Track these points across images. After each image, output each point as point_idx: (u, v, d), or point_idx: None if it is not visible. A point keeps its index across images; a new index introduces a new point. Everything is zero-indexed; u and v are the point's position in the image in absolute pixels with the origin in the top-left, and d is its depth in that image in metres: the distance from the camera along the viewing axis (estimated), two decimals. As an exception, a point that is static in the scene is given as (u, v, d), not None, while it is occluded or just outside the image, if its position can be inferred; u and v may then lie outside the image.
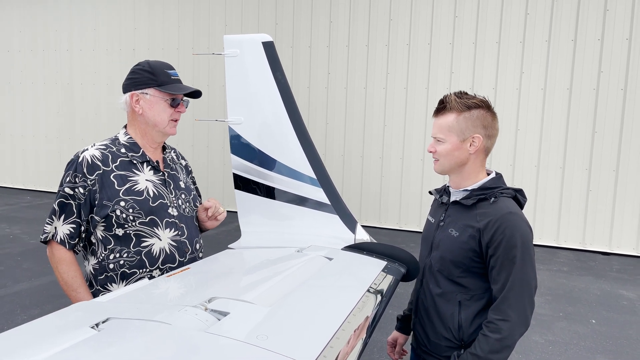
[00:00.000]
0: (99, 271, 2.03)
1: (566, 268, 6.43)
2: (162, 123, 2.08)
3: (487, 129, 1.87)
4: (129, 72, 2.11)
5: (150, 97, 2.04)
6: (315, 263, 1.99)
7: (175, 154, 2.33)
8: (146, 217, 1.99)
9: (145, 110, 2.05)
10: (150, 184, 2.05)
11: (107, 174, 1.98)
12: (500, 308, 1.77)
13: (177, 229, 2.07)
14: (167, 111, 2.07)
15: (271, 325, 1.40)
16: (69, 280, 2.00)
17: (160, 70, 2.06)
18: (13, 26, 10.66)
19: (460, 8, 7.51)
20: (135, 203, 1.98)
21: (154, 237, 2.01)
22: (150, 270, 2.02)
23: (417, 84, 7.85)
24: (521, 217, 1.81)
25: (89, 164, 1.98)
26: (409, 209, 8.06)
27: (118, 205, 1.95)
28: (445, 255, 1.90)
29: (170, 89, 2.04)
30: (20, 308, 4.67)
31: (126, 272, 2.00)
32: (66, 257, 2.01)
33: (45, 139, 10.63)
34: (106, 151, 2.03)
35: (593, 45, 6.91)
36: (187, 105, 2.16)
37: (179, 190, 2.15)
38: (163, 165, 2.16)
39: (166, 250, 2.03)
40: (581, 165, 7.13)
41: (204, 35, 9.16)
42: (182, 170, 2.29)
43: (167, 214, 2.05)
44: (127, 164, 2.04)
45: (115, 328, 1.34)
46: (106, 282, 2.02)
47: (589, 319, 4.79)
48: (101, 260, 2.02)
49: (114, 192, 1.97)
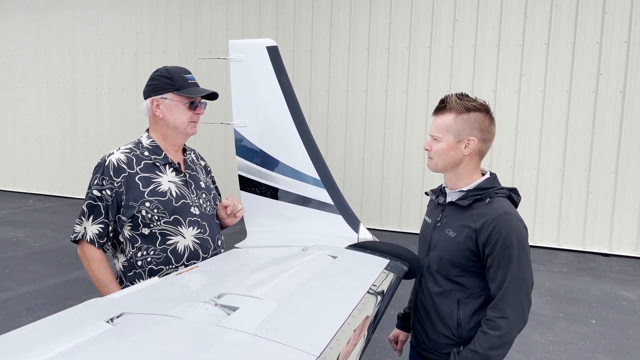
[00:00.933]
0: (128, 268, 2.13)
1: (566, 269, 6.47)
2: (182, 125, 2.17)
3: (484, 133, 1.90)
4: (148, 79, 2.21)
5: (170, 102, 2.14)
6: (320, 261, 2.05)
7: (195, 155, 2.43)
8: (170, 217, 2.10)
9: (165, 114, 2.15)
10: (172, 184, 2.15)
11: (132, 176, 2.09)
12: (498, 306, 1.82)
13: (200, 227, 2.17)
14: (187, 114, 2.17)
15: (279, 319, 1.45)
16: (100, 276, 2.11)
17: (177, 75, 2.15)
18: (16, 31, 10.74)
19: (460, 11, 7.58)
20: (159, 203, 2.08)
21: (179, 235, 2.12)
22: (176, 267, 2.12)
23: (418, 87, 7.91)
24: (516, 217, 1.86)
25: (115, 167, 2.08)
26: (410, 211, 8.11)
27: (143, 206, 2.06)
28: (443, 255, 1.94)
29: (187, 92, 2.14)
30: (26, 310, 4.72)
31: (154, 268, 2.11)
32: (97, 255, 2.11)
33: (48, 143, 10.69)
34: (131, 154, 2.14)
35: (592, 48, 6.97)
36: (205, 107, 2.26)
37: (200, 190, 2.26)
38: (184, 166, 2.27)
39: (190, 248, 2.14)
40: (581, 167, 7.18)
41: (205, 39, 9.24)
42: (202, 170, 2.40)
43: (190, 213, 2.15)
44: (150, 166, 2.14)
45: (129, 322, 1.39)
46: (135, 278, 2.12)
47: (589, 319, 4.82)
48: (129, 258, 2.12)
49: (139, 194, 2.07)
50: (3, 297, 5.02)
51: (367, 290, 1.77)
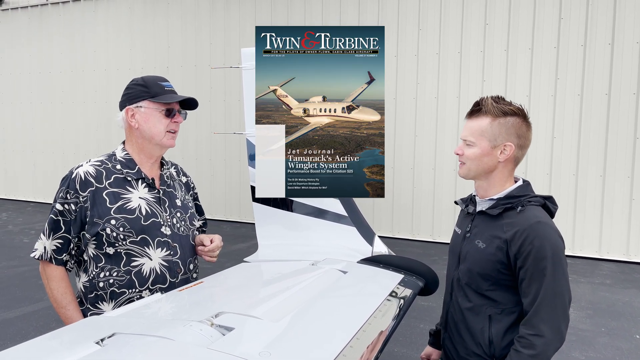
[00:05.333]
0: (89, 289, 2.00)
1: (609, 281, 6.15)
2: (158, 135, 2.04)
3: (521, 139, 1.80)
4: (124, 90, 2.10)
5: (145, 110, 2.02)
6: (329, 276, 1.95)
7: (176, 170, 2.29)
8: (137, 236, 1.95)
9: (140, 123, 2.03)
10: (143, 201, 2.01)
11: (99, 191, 1.96)
12: (531, 322, 1.69)
13: (170, 249, 2.03)
14: (163, 122, 2.04)
15: (276, 341, 1.36)
16: (58, 297, 1.98)
17: (152, 82, 2.05)
18: (54, 48, 11.11)
19: (490, 15, 7.39)
20: (126, 222, 1.94)
21: (145, 257, 1.97)
22: (139, 291, 1.98)
23: (448, 93, 7.73)
24: (551, 226, 1.73)
25: (82, 181, 1.95)
26: (442, 221, 7.91)
27: (108, 224, 1.92)
28: (472, 267, 1.84)
29: (163, 99, 2.02)
30: (55, 322, 4.75)
31: (115, 291, 1.96)
32: (56, 274, 1.99)
33: (85, 156, 10.98)
34: (101, 167, 2.01)
35: (631, 49, 6.66)
36: (185, 117, 2.14)
37: (175, 209, 2.11)
38: (159, 182, 2.12)
39: (157, 270, 1.99)
40: (623, 172, 6.84)
41: (222, 50, 9.32)
42: (181, 187, 2.25)
43: (160, 232, 2.01)
44: (121, 181, 2.01)
45: (118, 344, 1.34)
46: (96, 300, 1.99)
47: (633, 335, 4.56)
48: (92, 278, 1.99)
49: (105, 210, 1.94)
50: (34, 309, 5.11)
51: (377, 308, 1.66)
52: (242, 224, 9.27)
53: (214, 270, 2.18)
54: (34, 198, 11.73)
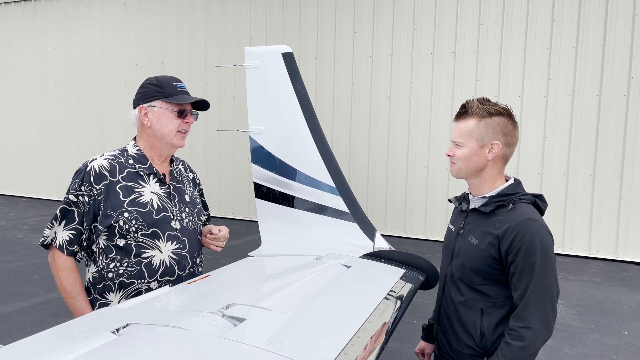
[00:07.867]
0: (98, 280, 2.04)
1: (598, 278, 6.25)
2: (169, 134, 2.10)
3: (507, 137, 1.87)
4: (138, 88, 2.16)
5: (158, 109, 2.08)
6: (333, 271, 2.00)
7: (184, 166, 2.35)
8: (148, 229, 2.01)
9: (153, 122, 2.09)
10: (155, 196, 2.07)
11: (113, 185, 2.00)
12: (521, 315, 1.76)
13: (179, 242, 2.08)
14: (175, 122, 2.09)
15: (286, 331, 1.41)
16: (67, 287, 2.01)
17: (166, 83, 2.10)
18: (48, 43, 11.05)
19: (484, 16, 7.47)
20: (138, 215, 1.99)
21: (155, 249, 2.03)
22: (148, 282, 2.02)
23: (442, 93, 7.81)
24: (540, 223, 1.79)
25: (96, 174, 2.00)
26: (435, 218, 7.99)
27: (122, 216, 1.97)
28: (465, 263, 1.90)
29: (176, 100, 2.07)
30: (52, 316, 4.79)
31: (124, 281, 2.01)
32: (67, 264, 2.02)
33: (78, 151, 10.93)
34: (114, 161, 2.06)
35: (622, 51, 6.77)
36: (197, 118, 2.19)
37: (184, 204, 2.17)
38: (169, 178, 2.18)
39: (166, 263, 2.04)
40: (612, 172, 6.96)
41: (230, 48, 9.33)
42: (189, 183, 2.31)
43: (170, 226, 2.06)
44: (133, 175, 2.06)
45: (134, 333, 1.38)
46: (104, 290, 2.03)
47: (622, 331, 4.64)
48: (101, 269, 2.03)
49: (119, 203, 1.98)
50: (30, 303, 5.12)
51: (381, 301, 1.72)
52: (236, 220, 9.31)
53: (212, 267, 2.24)
54: (26, 193, 11.68)
